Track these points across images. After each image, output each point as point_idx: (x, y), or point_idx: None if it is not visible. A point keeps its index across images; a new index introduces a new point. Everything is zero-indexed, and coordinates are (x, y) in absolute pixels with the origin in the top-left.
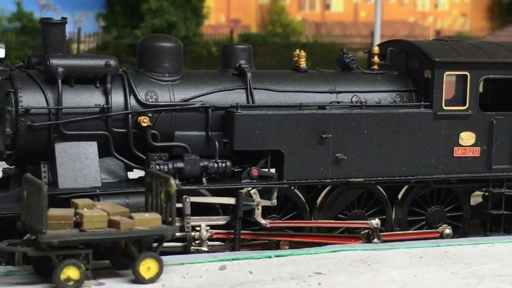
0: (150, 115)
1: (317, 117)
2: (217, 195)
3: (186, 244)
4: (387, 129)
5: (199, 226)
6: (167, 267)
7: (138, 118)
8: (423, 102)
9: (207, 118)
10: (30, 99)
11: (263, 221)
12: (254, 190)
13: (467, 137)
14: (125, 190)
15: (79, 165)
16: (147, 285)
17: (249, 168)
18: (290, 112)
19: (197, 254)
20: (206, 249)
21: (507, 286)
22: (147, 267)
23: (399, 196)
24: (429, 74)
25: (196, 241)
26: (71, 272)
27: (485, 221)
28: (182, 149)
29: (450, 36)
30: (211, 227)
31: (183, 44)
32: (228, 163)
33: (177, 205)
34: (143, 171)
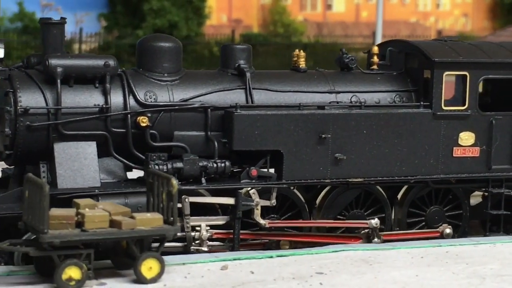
0: (149, 115)
1: (316, 117)
2: (216, 195)
3: (186, 244)
4: (386, 129)
5: (199, 226)
6: (168, 267)
7: (137, 118)
8: (422, 102)
9: (206, 118)
10: (29, 99)
11: (262, 221)
12: (253, 190)
13: (466, 137)
14: (124, 190)
15: (78, 165)
16: (148, 285)
17: (248, 168)
18: (289, 112)
19: (198, 254)
20: (206, 249)
21: (509, 286)
22: (148, 267)
23: (399, 196)
24: (428, 74)
25: (196, 241)
26: (72, 272)
27: (485, 221)
28: (181, 149)
29: (449, 36)
30: (211, 227)
31: (185, 44)
32: (227, 163)
33: None
34: (142, 171)
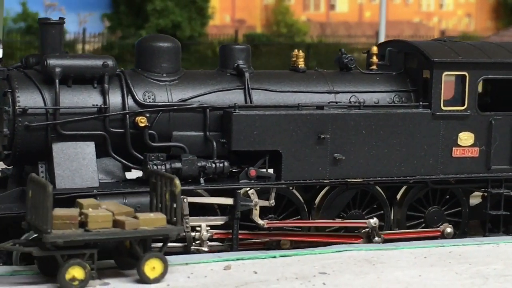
0: (148, 115)
1: (315, 117)
2: (215, 195)
3: (186, 244)
4: (385, 129)
5: (199, 226)
6: (171, 267)
7: (136, 118)
8: (421, 102)
9: (205, 118)
10: (28, 99)
11: (260, 222)
12: (252, 191)
13: (465, 138)
14: (122, 190)
15: (76, 165)
16: (152, 285)
17: (247, 169)
18: (288, 112)
19: (201, 254)
20: (207, 249)
21: None
22: (152, 267)
23: (398, 196)
24: (427, 74)
25: (196, 241)
26: (76, 272)
27: (485, 221)
28: (180, 149)
29: (449, 36)
30: (210, 227)
31: (188, 45)
32: (226, 163)
33: None
34: (141, 171)
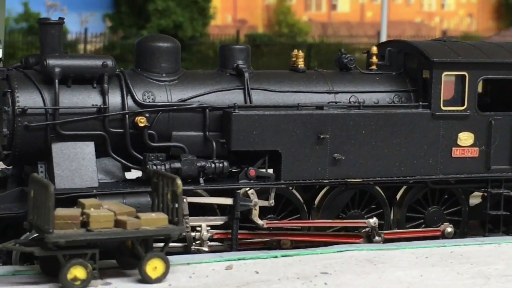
0: (147, 115)
1: (314, 117)
2: (214, 195)
3: (186, 244)
4: (385, 130)
5: (199, 226)
6: (173, 266)
7: (135, 118)
8: (421, 103)
9: (204, 119)
10: (27, 99)
11: (260, 222)
12: (252, 191)
13: (465, 138)
14: (122, 190)
15: (76, 165)
16: (153, 284)
17: (246, 169)
18: (287, 112)
19: (203, 254)
20: (207, 249)
21: None
22: (153, 266)
23: (398, 196)
24: (427, 74)
25: (196, 241)
26: (78, 272)
27: (484, 221)
28: (179, 149)
29: (448, 36)
30: (211, 227)
31: (190, 45)
32: (225, 163)
33: None
34: (140, 171)
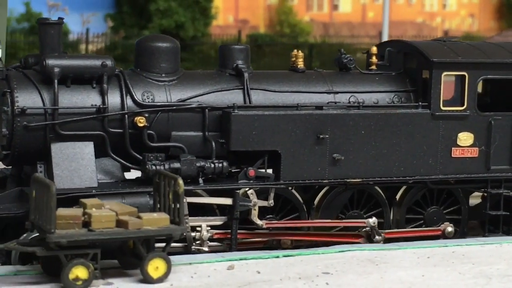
0: (147, 115)
1: (314, 117)
2: (214, 195)
3: (187, 244)
4: (384, 130)
5: (200, 226)
6: (175, 266)
7: (135, 118)
8: (421, 103)
9: (204, 119)
10: (26, 99)
11: (259, 222)
12: (252, 191)
13: (465, 138)
14: (121, 190)
15: (75, 165)
16: (155, 284)
17: (246, 169)
18: (287, 112)
19: (205, 254)
20: (207, 249)
21: None
22: (155, 266)
23: (397, 196)
24: (427, 75)
25: (196, 241)
26: (79, 272)
27: (484, 222)
28: (178, 149)
29: (447, 36)
30: (211, 228)
31: (191, 45)
32: (224, 163)
33: None
34: (139, 171)
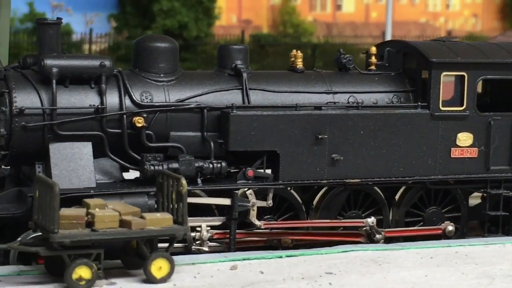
0: (145, 115)
1: (313, 117)
2: (212, 195)
3: (187, 245)
4: (384, 130)
5: (199, 226)
6: (178, 266)
7: (133, 118)
8: (420, 103)
9: (202, 119)
10: (25, 99)
11: (257, 222)
12: (250, 191)
13: (464, 138)
14: (119, 190)
15: (73, 165)
16: (158, 284)
17: (244, 169)
18: (286, 112)
19: (208, 254)
20: (207, 249)
21: None
22: (158, 266)
23: (396, 197)
24: (426, 75)
25: (196, 242)
26: (83, 272)
27: (484, 222)
28: (177, 149)
29: (450, 36)
30: (211, 228)
31: (194, 45)
32: (223, 163)
33: None
34: (138, 171)
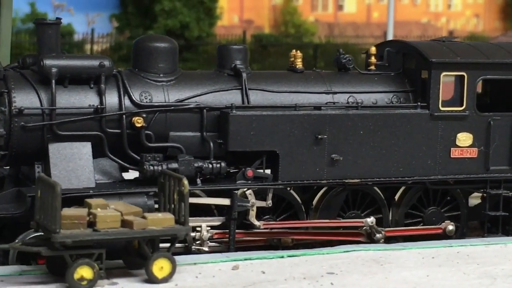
0: (145, 115)
1: (312, 117)
2: (212, 196)
3: (187, 245)
4: (383, 130)
5: (199, 226)
6: (180, 266)
7: (132, 118)
8: (420, 103)
9: (202, 119)
10: (24, 99)
11: (257, 223)
12: (250, 191)
13: (464, 138)
14: (118, 191)
15: (73, 165)
16: (160, 284)
17: (244, 169)
18: (285, 112)
19: (209, 254)
20: (207, 249)
21: None
22: (160, 266)
23: (396, 197)
24: (426, 75)
25: (196, 242)
26: (84, 272)
27: (484, 222)
28: (176, 149)
29: (450, 36)
30: (211, 228)
31: (196, 45)
32: (223, 163)
33: None
34: (137, 171)
